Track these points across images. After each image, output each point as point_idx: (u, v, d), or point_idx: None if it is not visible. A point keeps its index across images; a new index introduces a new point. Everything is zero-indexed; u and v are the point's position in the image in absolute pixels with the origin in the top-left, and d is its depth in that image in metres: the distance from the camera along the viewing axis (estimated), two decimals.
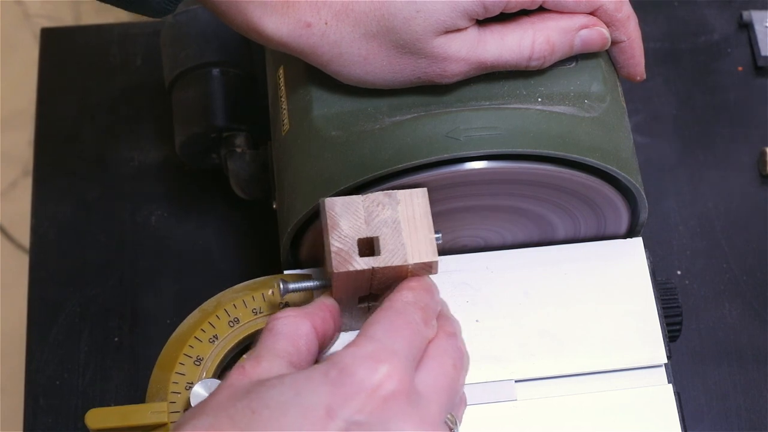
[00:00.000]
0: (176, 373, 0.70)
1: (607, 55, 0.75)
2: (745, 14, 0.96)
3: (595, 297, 0.75)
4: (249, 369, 0.60)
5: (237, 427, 0.56)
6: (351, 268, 0.65)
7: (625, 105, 0.75)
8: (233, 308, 0.73)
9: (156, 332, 0.85)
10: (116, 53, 0.96)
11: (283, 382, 0.57)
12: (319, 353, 0.64)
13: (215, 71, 0.87)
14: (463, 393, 0.66)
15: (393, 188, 0.70)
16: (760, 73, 0.95)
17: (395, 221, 0.66)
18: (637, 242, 0.77)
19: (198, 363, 0.71)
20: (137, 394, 0.83)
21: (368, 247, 0.66)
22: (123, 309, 0.86)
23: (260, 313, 0.73)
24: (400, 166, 0.70)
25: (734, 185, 0.91)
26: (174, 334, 0.72)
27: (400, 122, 0.71)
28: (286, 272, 0.75)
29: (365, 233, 0.66)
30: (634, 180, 0.73)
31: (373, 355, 0.58)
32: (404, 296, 0.64)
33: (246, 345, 0.72)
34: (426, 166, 0.70)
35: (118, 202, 0.90)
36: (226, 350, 0.71)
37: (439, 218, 0.75)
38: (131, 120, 0.93)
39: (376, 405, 0.57)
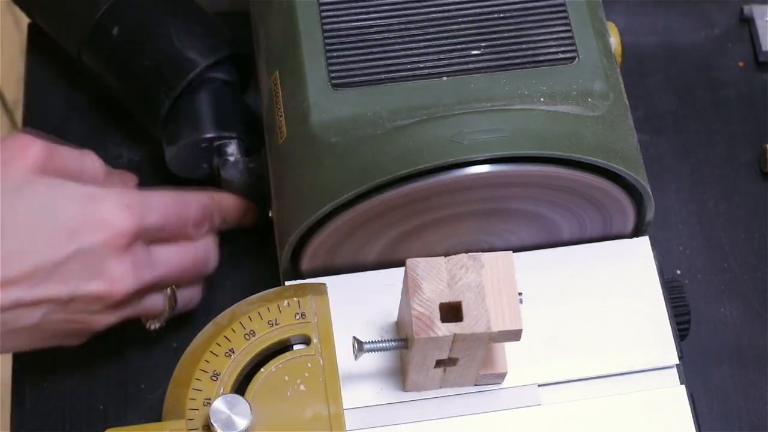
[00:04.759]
0: (193, 389, 0.69)
1: (608, 51, 0.74)
2: (746, 9, 0.96)
3: (603, 298, 0.75)
4: None
5: None
6: (432, 335, 0.64)
7: (627, 102, 0.74)
8: (249, 321, 0.72)
9: (145, 335, 0.83)
10: None
11: None
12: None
13: (201, 78, 0.85)
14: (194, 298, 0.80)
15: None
16: (761, 68, 0.95)
17: (479, 285, 0.65)
18: (644, 241, 0.77)
19: (215, 378, 0.70)
20: (126, 399, 0.82)
21: (450, 311, 0.65)
22: None
23: (276, 324, 0.72)
24: (403, 171, 0.69)
25: (735, 183, 0.91)
26: (188, 349, 0.71)
27: (402, 127, 0.69)
28: (287, 283, 0.74)
29: (448, 297, 0.65)
30: (640, 178, 0.72)
31: (129, 205, 0.71)
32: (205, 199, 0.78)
33: (263, 357, 0.71)
34: (430, 172, 0.69)
35: None
36: (243, 364, 0.71)
37: (442, 224, 0.74)
38: (119, 117, 0.91)
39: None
